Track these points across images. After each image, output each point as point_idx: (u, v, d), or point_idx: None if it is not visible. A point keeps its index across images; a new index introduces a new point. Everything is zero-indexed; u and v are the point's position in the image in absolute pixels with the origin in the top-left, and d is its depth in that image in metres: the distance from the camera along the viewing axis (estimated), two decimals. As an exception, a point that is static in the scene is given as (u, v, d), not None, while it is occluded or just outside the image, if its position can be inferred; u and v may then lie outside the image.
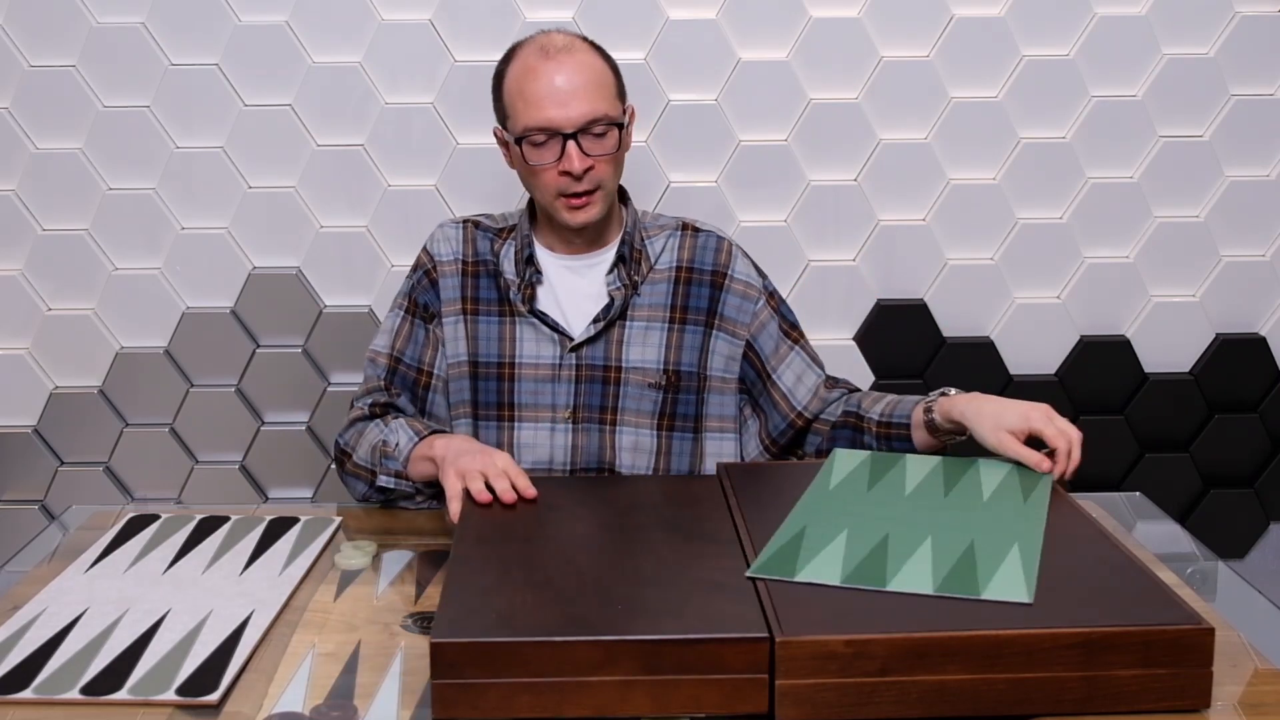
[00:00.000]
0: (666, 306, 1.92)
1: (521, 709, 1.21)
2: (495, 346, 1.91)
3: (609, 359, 1.90)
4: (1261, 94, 2.50)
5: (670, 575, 1.37)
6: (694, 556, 1.42)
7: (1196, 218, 2.54)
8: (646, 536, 1.50)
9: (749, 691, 1.22)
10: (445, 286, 1.93)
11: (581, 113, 1.78)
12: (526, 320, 1.90)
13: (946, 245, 2.53)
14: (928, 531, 1.45)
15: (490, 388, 1.91)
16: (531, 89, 1.79)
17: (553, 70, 1.79)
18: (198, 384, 2.54)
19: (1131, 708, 1.22)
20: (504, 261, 1.93)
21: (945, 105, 2.48)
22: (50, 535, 1.78)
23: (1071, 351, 2.57)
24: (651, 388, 1.90)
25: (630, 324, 1.91)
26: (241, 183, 2.48)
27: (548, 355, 1.90)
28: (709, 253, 1.95)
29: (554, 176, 1.81)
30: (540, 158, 1.80)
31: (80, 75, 2.43)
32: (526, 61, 1.82)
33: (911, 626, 1.22)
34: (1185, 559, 1.68)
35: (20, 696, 1.29)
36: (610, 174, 1.84)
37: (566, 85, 1.78)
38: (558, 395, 1.90)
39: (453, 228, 1.97)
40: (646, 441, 1.91)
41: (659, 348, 1.91)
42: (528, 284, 1.90)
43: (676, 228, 1.97)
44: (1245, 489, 2.63)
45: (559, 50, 1.81)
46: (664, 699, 1.21)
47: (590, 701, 1.21)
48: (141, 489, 2.57)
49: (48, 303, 2.51)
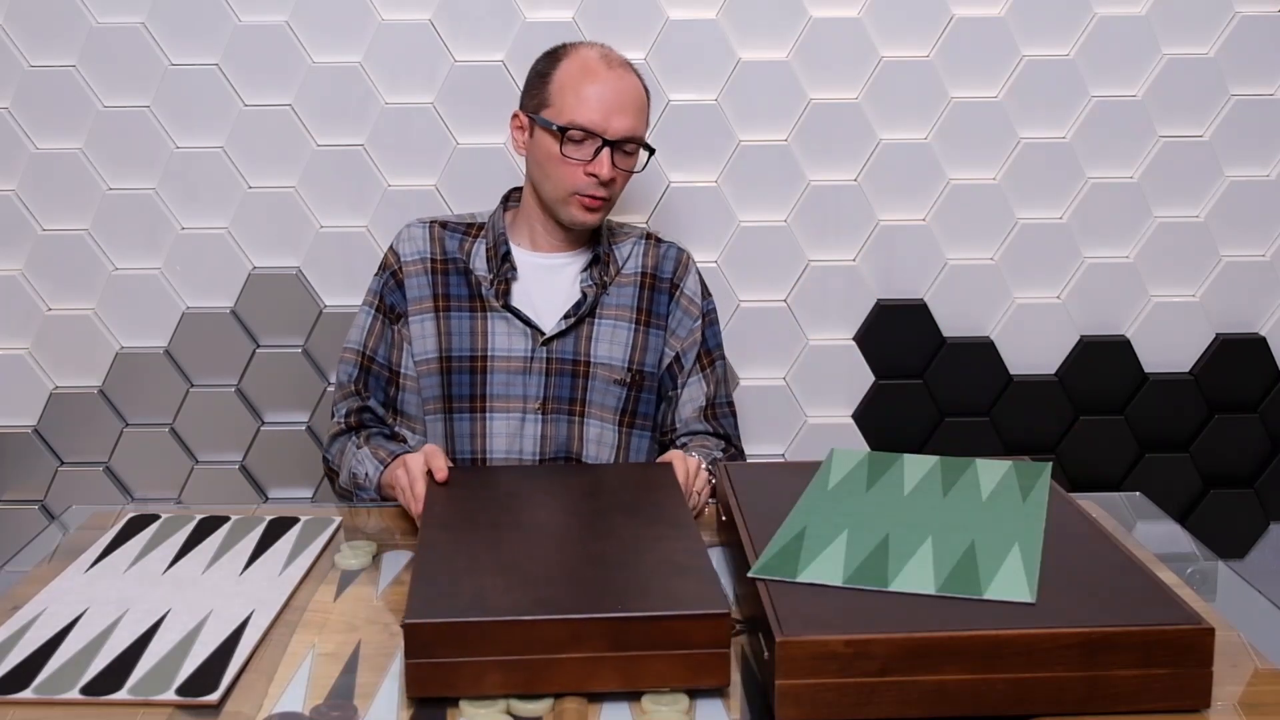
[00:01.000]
0: (633, 308, 2.04)
1: (493, 686, 1.24)
2: (467, 340, 1.99)
3: (578, 353, 2.00)
4: (1261, 94, 2.50)
5: (633, 557, 1.41)
6: (655, 539, 1.46)
7: (1196, 218, 2.54)
8: (609, 521, 1.53)
9: (711, 665, 1.26)
10: (411, 286, 2.02)
11: (627, 127, 1.91)
12: (499, 314, 1.99)
13: (946, 245, 2.53)
14: (928, 532, 1.45)
15: (463, 381, 1.98)
16: (590, 89, 1.90)
17: (614, 80, 1.92)
18: (198, 384, 2.54)
19: (1131, 708, 1.22)
20: (475, 259, 2.02)
21: (945, 105, 2.48)
22: (50, 535, 1.78)
23: (1071, 351, 2.57)
24: (617, 384, 2.01)
25: (599, 321, 2.01)
26: (241, 183, 2.48)
27: (520, 348, 1.98)
28: (669, 263, 2.09)
29: (578, 174, 1.91)
30: (576, 153, 1.91)
31: (80, 75, 2.43)
32: (587, 63, 1.93)
33: (911, 626, 1.22)
34: (1185, 559, 1.68)
35: (20, 696, 1.29)
36: (622, 189, 1.98)
37: (621, 99, 1.91)
38: (529, 387, 1.98)
39: (419, 227, 2.06)
40: (610, 436, 2.01)
41: (625, 346, 2.02)
42: (502, 280, 1.99)
43: (641, 236, 2.10)
44: (1245, 489, 2.63)
45: (620, 65, 1.95)
46: (631, 674, 1.25)
47: (559, 678, 1.25)
48: (141, 489, 2.57)
49: (48, 303, 2.51)
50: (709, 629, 1.26)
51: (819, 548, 1.41)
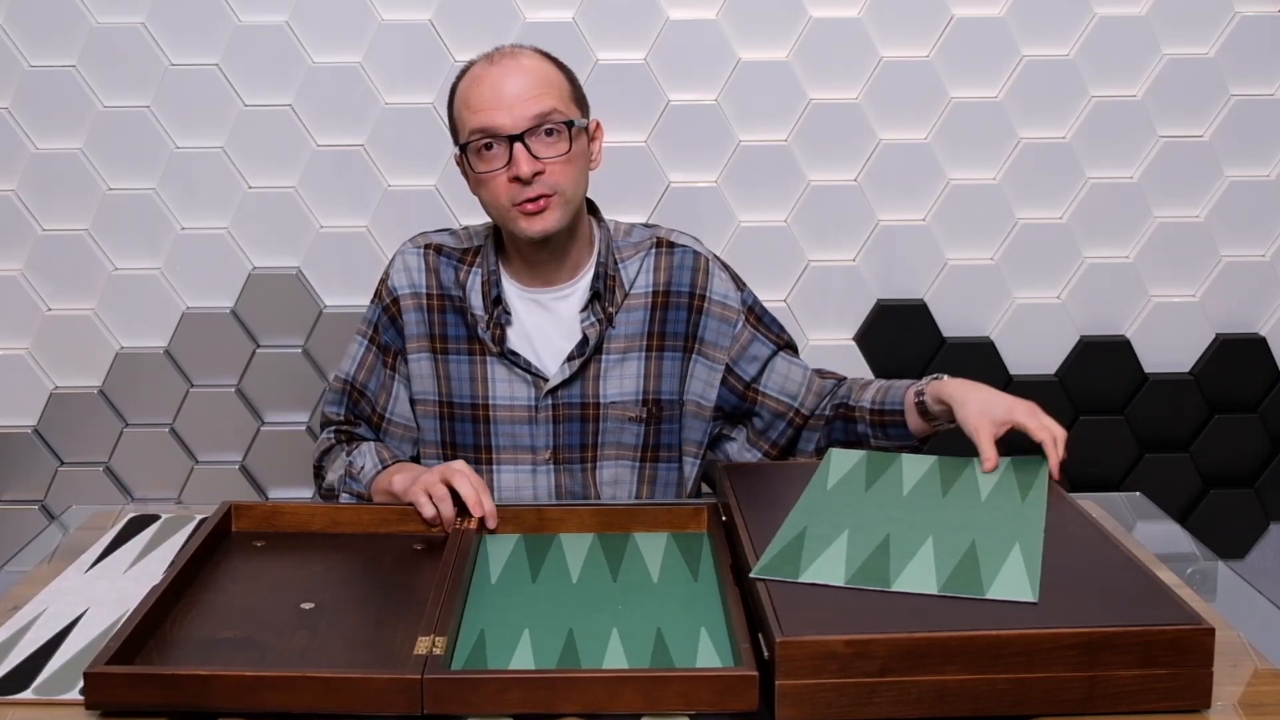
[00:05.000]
0: (644, 335, 1.83)
1: (514, 704, 1.22)
2: (467, 387, 1.83)
3: (585, 396, 1.82)
4: (1261, 94, 2.50)
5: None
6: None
7: (1196, 218, 2.54)
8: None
9: (739, 689, 1.22)
10: (409, 322, 1.85)
11: (527, 112, 1.69)
12: (498, 360, 1.82)
13: (946, 245, 2.53)
14: (928, 531, 1.44)
15: (465, 429, 1.83)
16: (475, 95, 1.72)
17: (497, 74, 1.72)
18: (198, 384, 2.54)
19: (1131, 708, 1.22)
20: (471, 294, 1.83)
21: (945, 105, 2.48)
22: (50, 535, 1.78)
23: (1071, 351, 2.57)
24: (632, 421, 1.83)
25: (606, 358, 1.82)
26: (241, 183, 2.48)
27: (522, 397, 1.82)
28: (685, 272, 1.85)
29: (504, 184, 1.70)
30: (487, 164, 1.71)
31: (80, 75, 2.43)
32: (472, 72, 1.75)
33: (912, 626, 1.22)
34: (1185, 559, 1.68)
35: (20, 697, 1.29)
36: (568, 179, 1.72)
37: (511, 87, 1.70)
38: (536, 438, 1.82)
39: (414, 255, 1.86)
40: (626, 474, 1.85)
41: (637, 378, 1.83)
42: (496, 324, 1.81)
43: (651, 245, 1.86)
44: (1245, 489, 2.63)
45: (503, 55, 1.74)
46: (654, 696, 1.22)
47: (581, 698, 1.22)
48: (141, 489, 2.57)
49: (48, 303, 2.51)
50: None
51: (820, 548, 1.40)
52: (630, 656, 1.31)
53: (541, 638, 1.35)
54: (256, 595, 1.46)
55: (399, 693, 1.21)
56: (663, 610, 1.41)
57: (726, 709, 1.22)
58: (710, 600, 1.44)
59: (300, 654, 1.31)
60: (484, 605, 1.43)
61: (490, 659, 1.31)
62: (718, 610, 1.41)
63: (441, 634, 1.28)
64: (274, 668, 1.26)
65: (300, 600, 1.44)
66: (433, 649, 1.26)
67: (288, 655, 1.31)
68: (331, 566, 1.53)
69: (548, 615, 1.40)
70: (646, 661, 1.30)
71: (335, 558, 1.56)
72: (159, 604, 1.37)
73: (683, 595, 1.46)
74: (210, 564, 1.53)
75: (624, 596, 1.45)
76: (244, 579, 1.50)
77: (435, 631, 1.29)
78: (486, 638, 1.35)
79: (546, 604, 1.44)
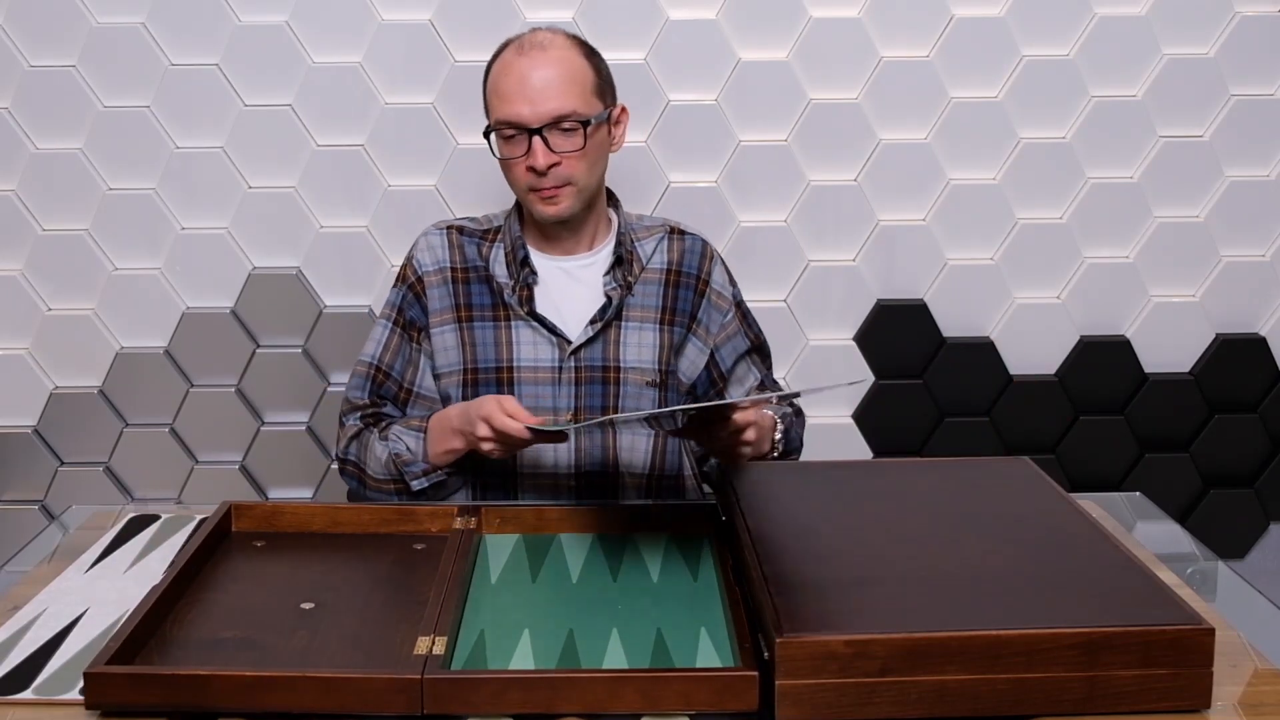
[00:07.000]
0: (658, 308, 1.94)
1: (514, 705, 1.22)
2: (492, 351, 1.89)
3: (607, 359, 1.90)
4: (1261, 94, 2.50)
5: None
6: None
7: (1196, 218, 2.54)
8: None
9: (739, 689, 1.22)
10: (433, 297, 1.92)
11: (548, 109, 1.80)
12: (523, 322, 1.89)
13: (946, 245, 2.53)
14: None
15: (489, 393, 1.85)
16: (503, 84, 1.82)
17: (525, 66, 1.81)
18: (198, 384, 2.54)
19: (1131, 708, 1.22)
20: (494, 265, 1.92)
21: (945, 105, 2.48)
22: (50, 535, 1.78)
23: (1071, 351, 2.57)
24: (649, 386, 1.91)
25: (625, 324, 1.92)
26: (241, 183, 2.48)
27: (546, 358, 1.89)
28: (694, 257, 1.98)
29: (523, 171, 1.83)
30: (509, 151, 1.83)
31: (80, 75, 2.43)
32: (504, 57, 1.85)
33: (911, 626, 1.22)
34: (1185, 559, 1.68)
35: (20, 697, 1.29)
36: (583, 171, 1.84)
37: (536, 82, 1.80)
38: (559, 399, 1.89)
39: (437, 235, 1.95)
40: (641, 442, 1.92)
41: (653, 348, 1.92)
42: (523, 285, 1.90)
43: (665, 231, 1.99)
44: (1245, 489, 2.63)
45: (533, 46, 1.83)
46: (654, 696, 1.22)
47: (581, 698, 1.22)
48: (141, 489, 2.57)
49: (48, 303, 2.51)
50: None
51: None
52: (630, 657, 1.31)
53: (541, 638, 1.35)
54: (256, 595, 1.46)
55: (399, 693, 1.21)
56: (663, 610, 1.42)
57: (726, 709, 1.22)
58: (710, 600, 1.44)
59: (300, 654, 1.31)
60: (484, 605, 1.44)
61: (490, 659, 1.31)
62: (718, 610, 1.41)
63: (441, 634, 1.28)
64: (274, 668, 1.27)
65: (300, 600, 1.44)
66: (432, 649, 1.26)
67: (288, 655, 1.31)
68: (331, 566, 1.54)
69: (548, 615, 1.41)
70: (646, 662, 1.30)
71: (335, 558, 1.56)
72: (159, 604, 1.37)
73: (683, 595, 1.46)
74: (210, 564, 1.53)
75: (624, 597, 1.46)
76: (244, 579, 1.50)
77: (435, 631, 1.29)
78: (486, 638, 1.35)
79: (546, 604, 1.44)
